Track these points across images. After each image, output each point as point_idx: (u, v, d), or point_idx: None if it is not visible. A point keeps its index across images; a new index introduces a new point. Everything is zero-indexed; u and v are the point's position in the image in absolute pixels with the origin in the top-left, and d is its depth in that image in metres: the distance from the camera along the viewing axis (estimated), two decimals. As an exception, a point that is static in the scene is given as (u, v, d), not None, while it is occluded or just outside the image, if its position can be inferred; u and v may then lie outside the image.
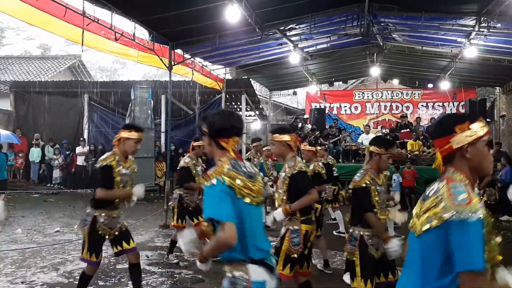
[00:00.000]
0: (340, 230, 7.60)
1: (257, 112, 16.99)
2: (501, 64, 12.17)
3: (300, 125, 14.99)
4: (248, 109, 15.95)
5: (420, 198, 1.79)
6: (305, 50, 12.90)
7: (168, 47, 9.40)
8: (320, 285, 4.13)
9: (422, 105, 16.89)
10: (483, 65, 13.08)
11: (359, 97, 17.49)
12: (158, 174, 12.99)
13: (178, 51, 9.97)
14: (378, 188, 3.36)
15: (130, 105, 12.89)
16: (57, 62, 21.51)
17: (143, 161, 12.08)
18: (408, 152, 12.35)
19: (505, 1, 7.68)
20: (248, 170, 2.18)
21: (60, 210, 10.09)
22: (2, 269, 5.40)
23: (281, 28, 9.96)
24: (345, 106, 17.51)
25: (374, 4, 9.23)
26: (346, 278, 4.97)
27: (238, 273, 2.04)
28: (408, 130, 13.74)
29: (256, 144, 7.84)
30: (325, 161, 7.07)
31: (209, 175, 2.08)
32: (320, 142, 11.42)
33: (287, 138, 3.60)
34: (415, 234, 1.71)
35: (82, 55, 22.53)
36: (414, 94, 17.05)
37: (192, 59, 10.90)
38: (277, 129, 3.69)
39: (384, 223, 3.46)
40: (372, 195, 3.33)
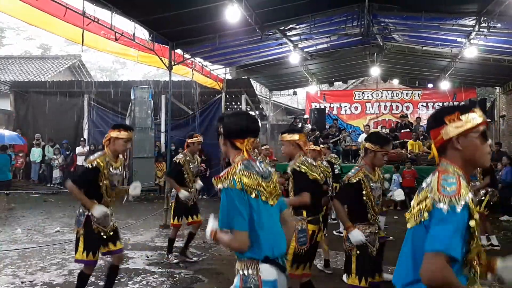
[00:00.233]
0: (340, 230, 7.60)
1: (257, 112, 16.98)
2: (501, 64, 12.17)
3: (300, 125, 14.99)
4: (248, 109, 15.94)
5: (417, 192, 1.80)
6: (305, 50, 12.90)
7: (168, 47, 9.39)
8: (320, 285, 4.12)
9: (422, 105, 16.89)
10: (483, 65, 13.08)
11: (359, 97, 17.49)
12: (158, 174, 13.00)
13: (178, 51, 9.97)
14: (372, 184, 3.37)
15: (130, 105, 12.90)
16: (57, 62, 21.52)
17: (143, 161, 12.14)
18: (408, 152, 12.36)
19: (505, 1, 7.68)
20: (262, 170, 2.19)
21: (60, 210, 10.09)
22: (2, 269, 5.40)
23: (281, 28, 9.96)
24: (345, 106, 17.51)
25: (374, 4, 9.23)
26: (346, 278, 4.98)
27: (249, 271, 2.05)
28: (408, 130, 13.75)
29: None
30: (327, 159, 7.08)
31: (221, 177, 2.08)
32: (320, 142, 11.42)
33: (295, 137, 3.70)
34: (409, 225, 1.73)
35: (82, 55, 22.55)
36: (414, 94, 17.05)
37: (192, 59, 10.90)
38: (287, 129, 3.85)
39: (376, 220, 3.47)
40: (364, 191, 3.33)
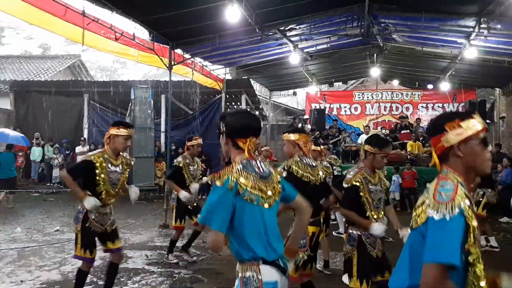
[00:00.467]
0: (339, 230, 7.59)
1: (257, 113, 16.97)
2: (501, 65, 12.16)
3: (300, 126, 14.98)
4: (248, 109, 15.94)
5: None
6: (305, 50, 12.89)
7: (168, 47, 9.40)
8: (320, 285, 4.12)
9: (422, 106, 16.88)
10: (483, 66, 13.07)
11: (359, 97, 17.49)
12: (158, 174, 12.99)
13: (178, 51, 9.97)
14: (371, 187, 3.35)
15: (130, 104, 12.90)
16: (57, 61, 21.52)
17: (143, 160, 12.12)
18: (407, 153, 12.36)
19: (505, 2, 7.67)
20: (262, 170, 2.17)
21: (60, 209, 10.09)
22: (2, 268, 5.40)
23: (281, 28, 9.96)
24: (345, 107, 17.51)
25: (374, 5, 9.22)
26: (345, 279, 4.98)
27: (250, 274, 2.04)
28: (408, 131, 13.74)
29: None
30: (327, 160, 7.04)
31: (218, 174, 2.07)
32: (319, 142, 11.41)
33: (294, 137, 3.70)
34: (408, 232, 1.76)
35: (82, 55, 22.54)
36: (414, 95, 17.04)
37: (192, 59, 10.90)
38: (290, 129, 3.85)
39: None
40: (362, 194, 3.32)
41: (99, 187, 3.74)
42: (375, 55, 14.23)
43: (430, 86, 16.71)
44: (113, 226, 3.95)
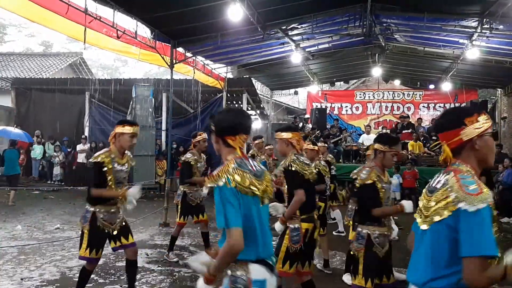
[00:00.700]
0: (339, 229, 7.60)
1: (258, 112, 16.97)
2: (503, 66, 12.15)
3: (301, 125, 14.99)
4: (249, 108, 15.93)
5: (424, 191, 1.83)
6: (307, 49, 12.88)
7: (170, 45, 9.40)
8: (320, 285, 4.12)
9: (424, 106, 16.88)
10: (485, 67, 13.06)
11: (360, 97, 17.49)
12: (159, 173, 13.00)
13: (180, 49, 9.97)
14: (384, 185, 3.39)
15: (131, 103, 12.89)
16: (59, 59, 21.53)
17: (144, 159, 12.12)
18: (408, 153, 12.35)
19: (507, 2, 7.66)
20: (255, 168, 2.18)
21: (60, 207, 10.09)
22: (2, 266, 5.41)
23: (283, 27, 9.95)
24: (346, 106, 17.51)
25: (377, 4, 9.22)
26: (346, 278, 4.98)
27: (239, 272, 2.04)
28: (409, 131, 13.73)
29: (257, 142, 7.86)
30: (324, 159, 7.01)
31: (215, 175, 2.06)
32: (321, 141, 11.40)
33: (288, 135, 3.69)
34: (425, 225, 1.75)
35: (84, 53, 22.50)
36: (416, 95, 17.04)
37: (194, 58, 10.90)
38: (281, 127, 3.81)
39: (387, 222, 3.48)
40: (378, 192, 3.35)
41: (108, 187, 3.75)
42: (377, 54, 14.23)
43: (431, 86, 16.71)
44: (123, 223, 3.94)
